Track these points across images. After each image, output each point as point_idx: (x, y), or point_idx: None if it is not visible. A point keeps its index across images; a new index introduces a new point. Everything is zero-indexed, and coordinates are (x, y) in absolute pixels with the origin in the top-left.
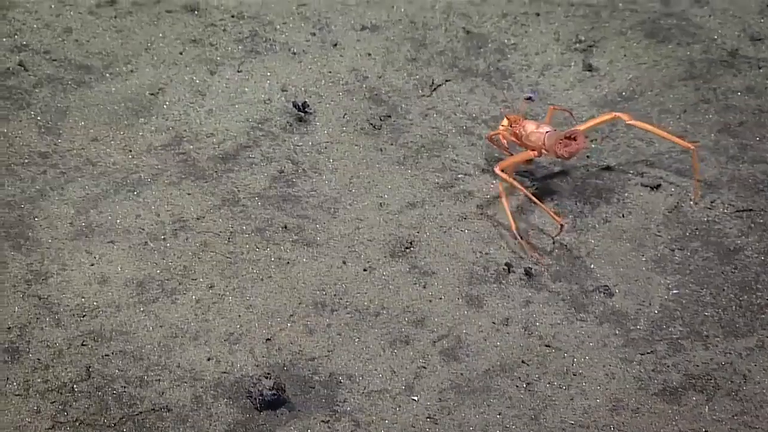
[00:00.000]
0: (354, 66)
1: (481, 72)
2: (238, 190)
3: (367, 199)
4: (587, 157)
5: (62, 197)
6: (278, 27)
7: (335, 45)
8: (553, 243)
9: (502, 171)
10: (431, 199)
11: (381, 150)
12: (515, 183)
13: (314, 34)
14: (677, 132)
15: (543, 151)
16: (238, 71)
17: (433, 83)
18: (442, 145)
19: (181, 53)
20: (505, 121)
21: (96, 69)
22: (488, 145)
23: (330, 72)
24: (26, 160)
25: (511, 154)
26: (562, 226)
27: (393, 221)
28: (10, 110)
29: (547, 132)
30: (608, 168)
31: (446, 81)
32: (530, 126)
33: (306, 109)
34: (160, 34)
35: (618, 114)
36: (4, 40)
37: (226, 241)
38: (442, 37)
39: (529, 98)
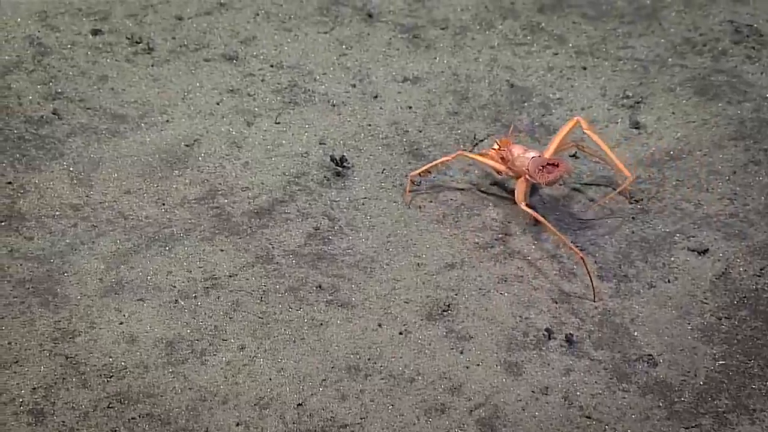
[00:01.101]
0: (394, 119)
1: (524, 127)
2: (273, 247)
3: (404, 258)
4: (632, 218)
5: (93, 251)
6: (318, 77)
7: (375, 97)
8: (595, 306)
9: (525, 204)
10: (470, 260)
11: (420, 207)
12: (538, 216)
13: (354, 86)
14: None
15: (527, 176)
16: (276, 123)
17: (475, 138)
18: (482, 204)
19: (218, 103)
20: (495, 145)
21: (131, 119)
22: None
23: (369, 125)
24: (57, 213)
25: (499, 173)
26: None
27: (430, 282)
28: (42, 160)
29: (532, 157)
30: (654, 230)
31: (489, 136)
32: (517, 150)
33: (344, 164)
34: (198, 84)
35: (579, 118)
36: (39, 87)
37: (258, 301)
38: (485, 90)
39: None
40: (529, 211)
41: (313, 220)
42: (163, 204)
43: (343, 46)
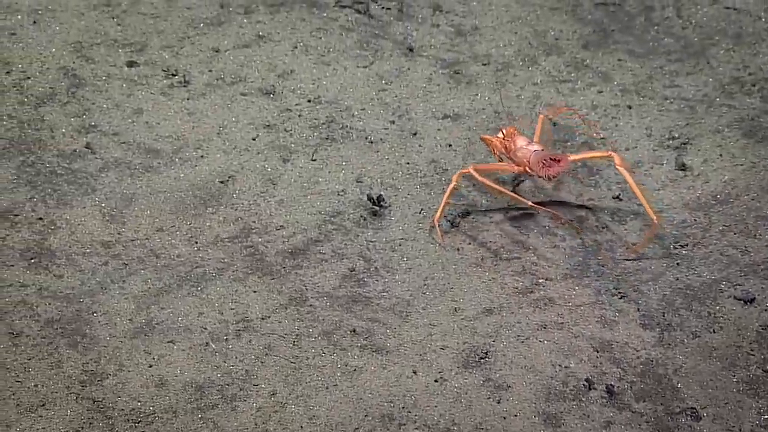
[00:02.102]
0: (433, 157)
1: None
2: (306, 289)
3: (441, 303)
4: (677, 264)
5: (123, 291)
6: (356, 113)
7: (414, 134)
8: (637, 356)
9: (475, 170)
10: (509, 306)
11: (458, 249)
12: (486, 181)
13: (393, 122)
14: None
15: (527, 169)
16: (312, 160)
17: (515, 178)
18: (522, 246)
19: (253, 139)
20: (500, 133)
21: (165, 153)
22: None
23: (408, 163)
24: (88, 250)
25: (501, 160)
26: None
27: (468, 328)
28: (74, 195)
29: (534, 150)
30: (699, 277)
31: (530, 176)
32: (520, 141)
33: (381, 203)
34: (233, 118)
35: (612, 153)
36: (72, 120)
37: (291, 345)
38: (527, 128)
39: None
40: (475, 174)
41: (348, 261)
42: (196, 242)
43: (383, 81)
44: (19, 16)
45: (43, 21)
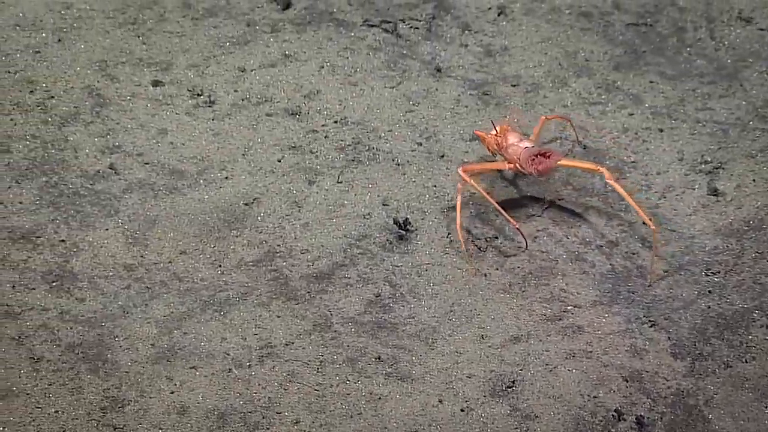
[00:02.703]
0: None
1: (596, 191)
2: (331, 314)
3: (467, 330)
4: (708, 291)
5: (145, 315)
6: (383, 135)
7: (442, 156)
8: (668, 386)
9: (465, 172)
10: (537, 333)
11: (485, 275)
12: (477, 186)
13: (420, 144)
14: None
15: (518, 165)
16: (338, 182)
17: (544, 202)
18: (551, 272)
19: (279, 160)
20: (493, 130)
21: (189, 175)
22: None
23: (435, 186)
24: (110, 273)
25: (493, 155)
26: (522, 234)
27: (495, 356)
28: (97, 217)
29: (525, 147)
30: (731, 305)
31: (559, 200)
32: (512, 138)
33: (407, 227)
34: (259, 139)
35: (602, 168)
36: (96, 140)
37: (315, 372)
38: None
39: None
40: (466, 178)
41: (374, 286)
42: (220, 266)
43: (410, 102)
44: (44, 34)
45: (68, 39)
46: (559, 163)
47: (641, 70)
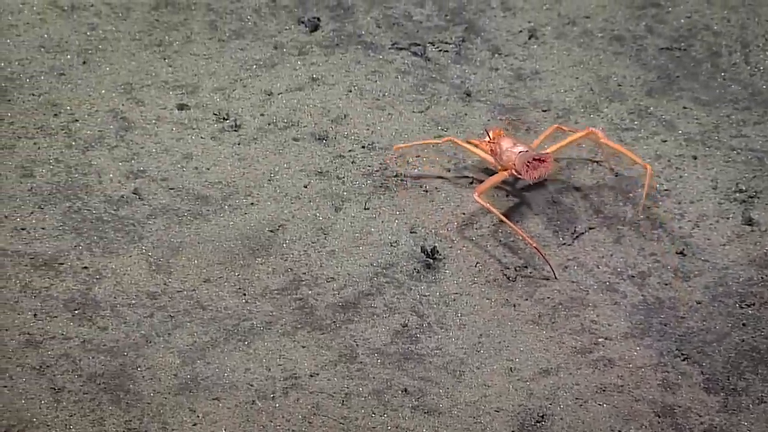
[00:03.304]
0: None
1: (628, 220)
2: (357, 345)
3: (496, 362)
4: (743, 324)
5: (168, 344)
6: (411, 160)
7: (471, 183)
8: (701, 422)
9: (480, 195)
10: (567, 366)
11: (514, 306)
12: (492, 209)
13: (449, 170)
14: None
15: (514, 171)
16: (365, 208)
17: (575, 231)
18: (581, 303)
19: (305, 186)
20: (487, 136)
21: (214, 200)
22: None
23: (464, 213)
24: (133, 301)
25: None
26: (548, 261)
27: (524, 389)
28: (120, 243)
29: (519, 152)
30: (766, 339)
31: (590, 229)
32: (506, 143)
33: (435, 255)
34: (285, 165)
35: (593, 129)
36: (120, 164)
37: (340, 404)
38: (587, 178)
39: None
40: (482, 202)
41: (400, 315)
42: (244, 294)
43: (439, 127)
44: (69, 56)
45: (93, 61)
46: (554, 148)
47: (674, 95)
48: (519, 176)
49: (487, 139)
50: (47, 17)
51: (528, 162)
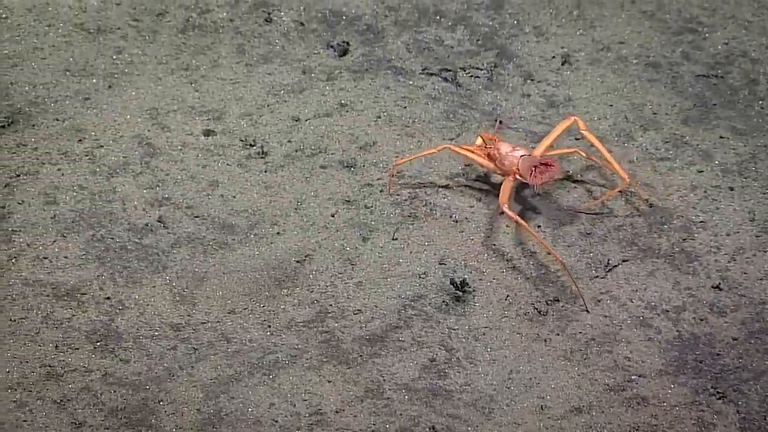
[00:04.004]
0: (521, 239)
1: (663, 252)
2: (384, 380)
3: (526, 399)
4: None
5: (192, 378)
6: (440, 189)
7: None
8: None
9: (508, 207)
10: (599, 404)
11: (545, 341)
12: (519, 219)
13: (479, 200)
14: None
15: (517, 176)
16: (393, 239)
17: (608, 263)
18: (614, 339)
19: (332, 215)
20: (479, 140)
21: (240, 229)
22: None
23: (494, 244)
24: (156, 333)
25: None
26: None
27: (555, 428)
28: (144, 273)
29: (521, 156)
30: None
31: (623, 261)
32: (505, 148)
33: (464, 288)
34: (312, 193)
35: (576, 118)
36: (145, 191)
37: None
38: (621, 209)
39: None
40: (511, 214)
41: (428, 350)
42: (269, 326)
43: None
44: (94, 80)
45: (119, 85)
46: (547, 144)
47: (711, 124)
48: (524, 180)
49: (480, 143)
50: (73, 40)
51: (534, 167)
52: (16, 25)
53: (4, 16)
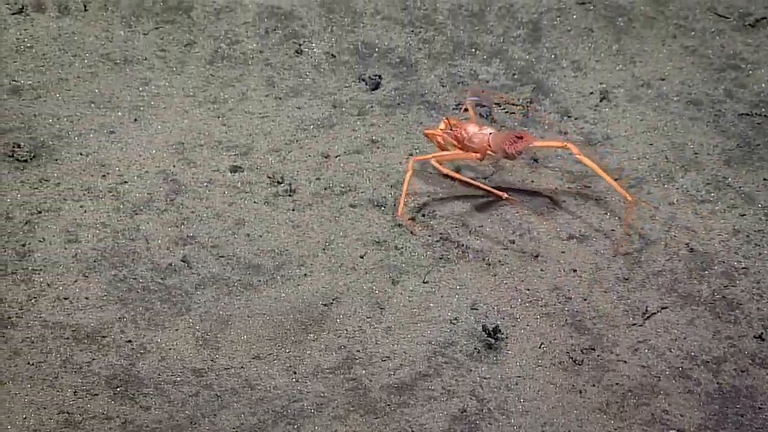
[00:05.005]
0: (556, 283)
1: (704, 300)
2: (412, 431)
3: None
4: None
5: (214, 427)
6: (473, 230)
7: (536, 256)
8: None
9: (440, 164)
10: None
11: (581, 392)
12: (451, 172)
13: (513, 242)
14: None
15: (488, 152)
16: (424, 282)
17: (646, 311)
18: (652, 391)
19: (361, 257)
20: (442, 125)
21: (266, 270)
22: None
23: (528, 289)
24: (178, 378)
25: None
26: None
27: None
28: (167, 315)
29: (490, 133)
30: None
31: (662, 308)
32: (472, 128)
33: (497, 335)
34: (341, 233)
35: (569, 144)
36: (170, 230)
37: None
38: (660, 253)
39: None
40: (441, 168)
41: (459, 400)
42: (295, 373)
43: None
44: (119, 113)
45: (144, 119)
46: (532, 144)
47: (754, 165)
48: (494, 155)
49: (443, 127)
50: (98, 71)
51: (507, 139)
52: (41, 55)
53: (28, 45)
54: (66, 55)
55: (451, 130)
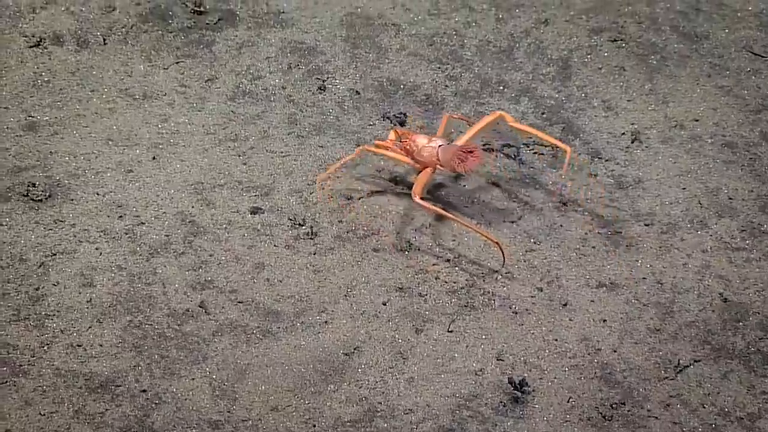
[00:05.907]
0: (585, 334)
1: (738, 353)
2: None
3: None
4: None
5: None
6: (500, 277)
7: (565, 305)
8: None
9: (419, 197)
10: None
11: None
12: (438, 210)
13: (541, 290)
14: None
15: (438, 166)
16: (449, 331)
17: (678, 364)
18: None
19: (384, 304)
20: (392, 135)
21: (286, 316)
22: None
23: (556, 339)
24: (194, 431)
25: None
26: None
27: None
28: (183, 364)
29: (440, 146)
30: None
31: (695, 362)
32: (421, 140)
33: (524, 387)
34: (363, 279)
35: (502, 113)
36: (187, 273)
37: None
38: (693, 303)
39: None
40: (423, 203)
41: None
42: (314, 425)
43: (531, 240)
44: (138, 151)
45: (163, 157)
46: (470, 136)
47: None
48: (447, 171)
49: (392, 138)
50: (117, 107)
51: (456, 155)
52: (58, 90)
53: (45, 79)
54: (84, 90)
55: (400, 141)
